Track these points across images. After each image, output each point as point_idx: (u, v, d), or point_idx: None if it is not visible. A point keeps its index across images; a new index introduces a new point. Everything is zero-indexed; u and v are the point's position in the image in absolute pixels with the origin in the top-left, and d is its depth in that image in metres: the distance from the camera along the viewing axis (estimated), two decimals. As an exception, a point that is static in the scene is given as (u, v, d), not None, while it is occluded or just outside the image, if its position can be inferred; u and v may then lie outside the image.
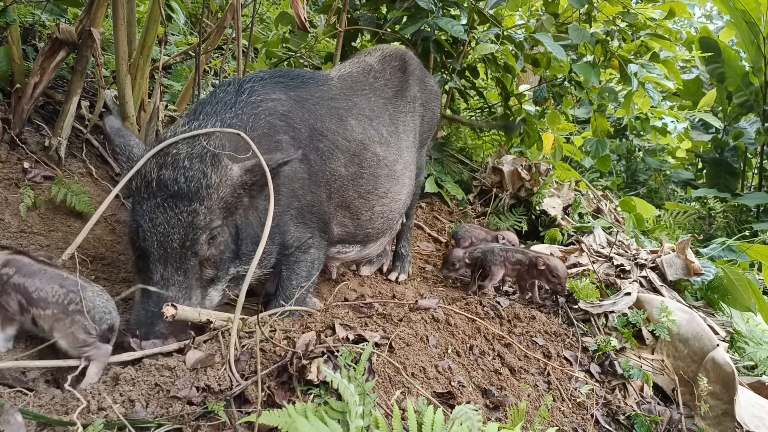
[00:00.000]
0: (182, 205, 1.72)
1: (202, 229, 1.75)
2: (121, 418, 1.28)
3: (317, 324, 1.86)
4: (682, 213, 6.07)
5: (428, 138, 2.98)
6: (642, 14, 3.81)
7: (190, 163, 1.74)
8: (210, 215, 1.76)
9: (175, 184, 1.72)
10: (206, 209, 1.74)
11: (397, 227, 2.83)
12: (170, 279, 1.74)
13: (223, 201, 1.78)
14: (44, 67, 2.51)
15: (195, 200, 1.73)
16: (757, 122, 6.99)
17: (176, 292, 1.74)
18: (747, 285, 2.98)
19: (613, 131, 6.72)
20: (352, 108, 2.35)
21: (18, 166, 2.48)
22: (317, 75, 2.43)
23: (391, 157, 2.45)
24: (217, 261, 1.83)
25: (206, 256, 1.80)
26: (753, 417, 2.20)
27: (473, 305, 2.48)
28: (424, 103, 2.81)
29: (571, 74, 4.10)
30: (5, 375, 1.41)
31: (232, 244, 1.88)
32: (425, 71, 2.93)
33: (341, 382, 1.39)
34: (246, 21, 4.32)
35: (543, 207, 3.92)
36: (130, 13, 2.58)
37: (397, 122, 2.57)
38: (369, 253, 2.65)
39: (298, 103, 2.16)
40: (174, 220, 1.72)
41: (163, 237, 1.72)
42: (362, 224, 2.40)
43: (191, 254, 1.75)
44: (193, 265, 1.77)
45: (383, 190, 2.42)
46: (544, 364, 2.23)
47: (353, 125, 2.30)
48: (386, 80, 2.62)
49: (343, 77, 2.49)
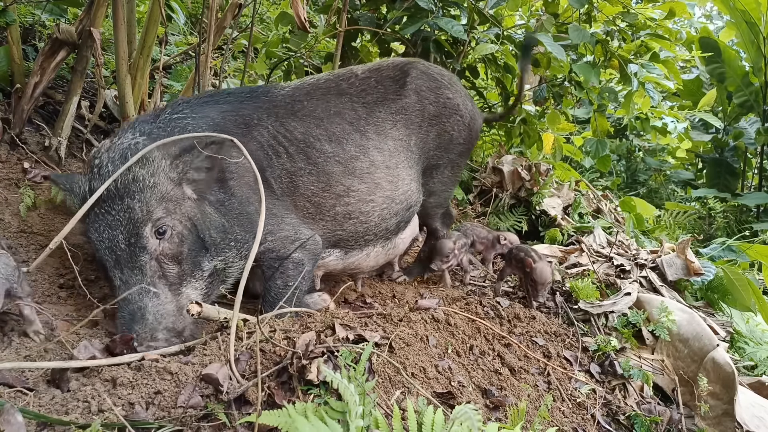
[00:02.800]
0: (116, 206, 1.81)
1: (142, 223, 1.81)
2: (121, 419, 1.28)
3: (317, 324, 1.86)
4: (682, 213, 6.07)
5: (440, 158, 2.74)
6: (642, 14, 3.81)
7: (113, 166, 1.84)
8: (146, 207, 1.83)
9: (106, 190, 1.79)
10: (140, 202, 1.82)
11: (396, 242, 2.71)
12: (129, 281, 1.81)
13: (158, 192, 1.86)
14: (44, 67, 2.52)
15: (126, 197, 1.81)
16: (757, 122, 6.99)
17: (139, 293, 1.79)
18: (747, 285, 2.98)
19: (613, 131, 6.72)
20: (298, 111, 2.38)
21: (18, 166, 2.49)
22: (259, 88, 2.48)
23: (345, 155, 2.39)
24: (177, 255, 1.88)
25: (160, 251, 1.85)
26: (753, 417, 2.20)
27: (473, 305, 2.48)
28: (431, 117, 2.64)
29: (571, 74, 4.10)
30: (5, 375, 1.41)
31: (190, 236, 1.93)
32: (440, 84, 2.70)
33: (341, 382, 1.39)
34: (246, 21, 4.32)
35: (543, 207, 3.92)
36: (130, 13, 2.58)
37: (368, 124, 2.50)
38: (357, 263, 2.57)
39: (231, 113, 2.23)
40: (113, 222, 1.81)
41: (110, 242, 1.81)
42: (329, 225, 2.37)
43: (139, 250, 1.82)
44: (146, 261, 1.83)
45: (342, 188, 2.37)
46: (544, 364, 2.23)
47: (293, 125, 2.33)
48: (366, 86, 2.57)
49: (302, 86, 2.50)
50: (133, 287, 1.79)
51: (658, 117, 5.30)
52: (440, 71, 2.78)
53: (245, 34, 3.94)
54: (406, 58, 2.93)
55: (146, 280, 1.81)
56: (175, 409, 1.38)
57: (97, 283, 2.10)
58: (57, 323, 1.76)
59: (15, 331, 1.68)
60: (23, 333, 1.68)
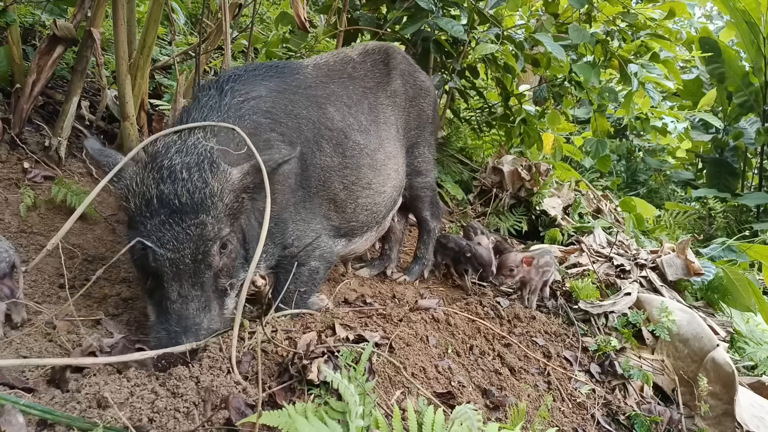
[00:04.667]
0: (188, 219, 1.64)
1: (212, 240, 1.67)
2: (124, 420, 1.28)
3: (317, 324, 1.86)
4: (682, 213, 6.07)
5: (418, 136, 2.85)
6: (642, 14, 3.81)
7: (189, 173, 1.66)
8: (218, 224, 1.69)
9: (177, 197, 1.63)
10: (213, 219, 1.67)
11: (385, 224, 2.75)
12: (188, 296, 1.66)
13: (227, 207, 1.71)
14: (41, 65, 2.51)
15: (201, 212, 1.65)
16: (757, 122, 7.00)
17: (196, 308, 1.67)
18: (747, 285, 2.98)
19: (613, 131, 6.72)
20: (330, 95, 2.30)
21: (18, 166, 2.49)
22: (290, 64, 2.38)
23: (371, 146, 2.39)
24: (230, 269, 1.78)
25: (219, 267, 1.73)
26: (753, 417, 2.20)
27: (473, 305, 2.48)
28: (411, 98, 2.75)
29: (571, 74, 4.10)
30: (5, 375, 1.41)
31: (241, 249, 1.83)
32: (414, 67, 2.85)
33: (341, 383, 1.39)
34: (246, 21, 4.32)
35: (543, 207, 3.92)
36: (130, 13, 2.58)
37: (378, 112, 2.52)
38: (355, 249, 2.58)
39: (280, 94, 2.11)
40: (183, 236, 1.63)
41: (174, 254, 1.63)
42: (347, 217, 2.34)
43: (205, 267, 1.68)
44: (208, 277, 1.70)
45: (366, 181, 2.36)
46: (544, 364, 2.23)
47: (332, 112, 2.26)
48: (366, 71, 2.57)
49: (319, 65, 2.43)
50: (192, 302, 1.66)
51: (658, 117, 5.31)
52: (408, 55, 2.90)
53: (245, 34, 3.94)
54: (381, 42, 2.97)
55: (205, 296, 1.69)
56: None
57: (98, 283, 2.10)
58: (57, 323, 1.75)
59: (15, 331, 1.68)
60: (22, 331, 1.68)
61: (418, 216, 2.99)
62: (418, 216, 2.99)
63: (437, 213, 3.04)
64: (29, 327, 1.69)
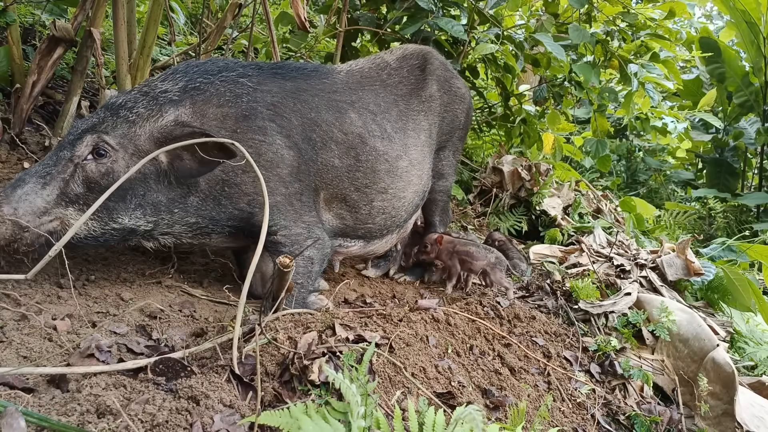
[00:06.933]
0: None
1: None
2: (126, 419, 1.28)
3: (318, 324, 1.86)
4: (682, 213, 6.07)
5: (448, 141, 2.91)
6: (642, 14, 3.81)
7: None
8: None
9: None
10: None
11: (407, 227, 2.81)
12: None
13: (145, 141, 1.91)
14: (41, 66, 2.51)
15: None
16: (757, 122, 7.00)
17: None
18: (747, 285, 2.98)
19: (613, 131, 6.72)
20: (355, 102, 2.37)
21: (18, 166, 2.48)
22: (321, 68, 2.46)
23: (393, 153, 2.45)
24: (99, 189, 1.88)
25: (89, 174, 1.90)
26: (753, 417, 2.20)
27: (473, 305, 2.48)
28: (446, 104, 2.79)
29: (571, 74, 4.10)
30: (5, 375, 1.41)
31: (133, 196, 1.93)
32: (451, 73, 2.89)
33: (343, 383, 1.39)
34: (246, 21, 4.32)
35: (543, 207, 3.92)
36: (130, 13, 2.58)
37: (407, 119, 2.57)
38: (374, 249, 2.65)
39: (293, 94, 2.19)
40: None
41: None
42: (362, 218, 2.42)
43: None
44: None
45: (382, 186, 2.42)
46: (544, 364, 2.23)
47: (353, 118, 2.32)
48: (401, 77, 2.63)
49: (353, 72, 2.52)
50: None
51: (658, 117, 5.31)
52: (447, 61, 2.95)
53: (245, 34, 3.94)
54: (420, 46, 2.97)
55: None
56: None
57: (98, 283, 2.10)
58: (57, 323, 1.75)
59: (15, 331, 1.68)
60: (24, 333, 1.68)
61: (428, 218, 3.03)
62: (428, 218, 3.03)
63: (446, 220, 3.08)
64: (29, 327, 1.69)
